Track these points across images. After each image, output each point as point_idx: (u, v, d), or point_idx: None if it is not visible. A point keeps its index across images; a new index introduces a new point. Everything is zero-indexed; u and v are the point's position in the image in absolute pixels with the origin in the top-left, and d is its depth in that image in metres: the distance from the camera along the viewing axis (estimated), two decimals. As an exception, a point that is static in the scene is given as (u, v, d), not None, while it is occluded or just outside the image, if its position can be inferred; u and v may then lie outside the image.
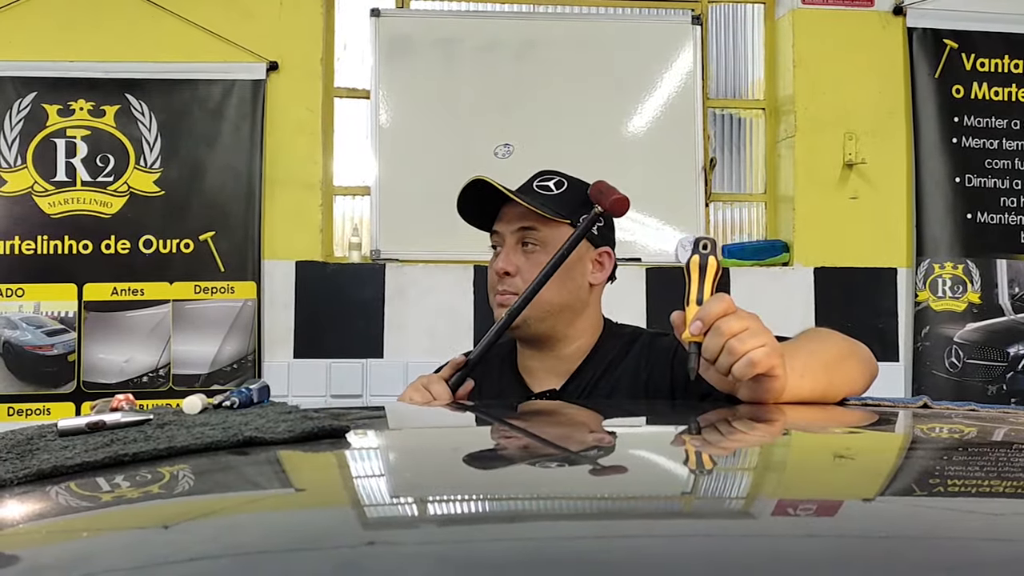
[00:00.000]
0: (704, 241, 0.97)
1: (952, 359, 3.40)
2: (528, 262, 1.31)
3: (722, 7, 3.73)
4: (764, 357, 0.91)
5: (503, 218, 1.35)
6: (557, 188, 1.34)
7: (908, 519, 0.47)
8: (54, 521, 0.51)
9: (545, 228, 1.32)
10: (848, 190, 3.48)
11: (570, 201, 1.34)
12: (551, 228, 1.32)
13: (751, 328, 0.92)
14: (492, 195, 1.33)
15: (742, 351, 0.90)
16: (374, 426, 0.86)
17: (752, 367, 0.90)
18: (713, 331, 0.92)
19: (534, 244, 1.32)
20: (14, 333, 3.19)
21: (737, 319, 0.92)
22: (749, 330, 0.92)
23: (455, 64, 3.45)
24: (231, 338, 3.25)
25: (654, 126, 3.49)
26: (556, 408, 1.17)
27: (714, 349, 0.92)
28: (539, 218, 1.31)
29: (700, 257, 0.96)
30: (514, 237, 1.33)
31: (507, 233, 1.33)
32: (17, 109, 3.23)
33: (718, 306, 0.93)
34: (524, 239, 1.32)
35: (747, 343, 0.91)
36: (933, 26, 3.48)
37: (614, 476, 0.61)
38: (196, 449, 0.63)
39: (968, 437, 0.78)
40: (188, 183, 3.28)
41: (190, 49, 3.29)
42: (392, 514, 0.51)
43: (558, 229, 1.32)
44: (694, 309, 0.94)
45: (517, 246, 1.32)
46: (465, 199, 1.35)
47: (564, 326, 1.34)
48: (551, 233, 1.32)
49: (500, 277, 1.32)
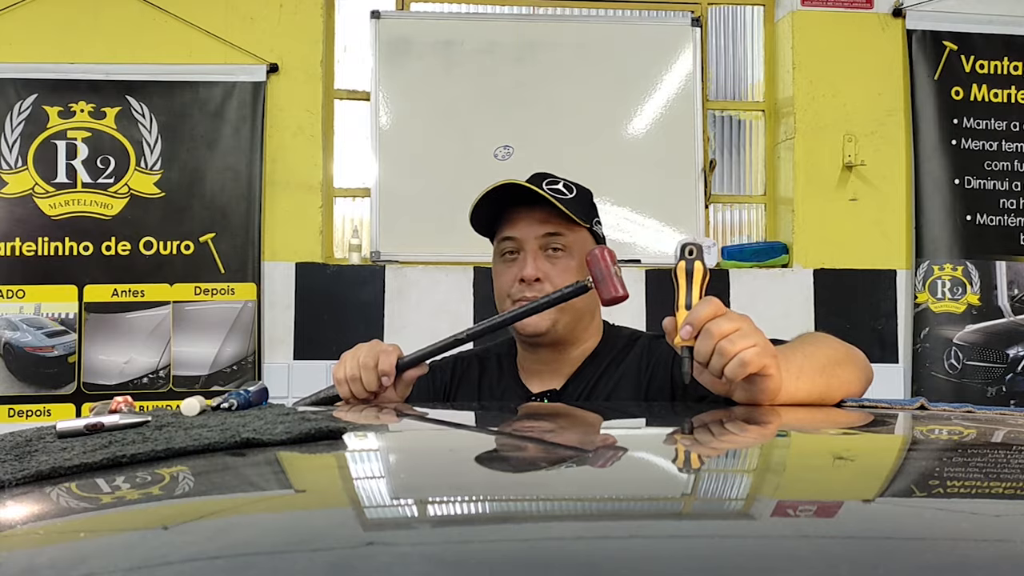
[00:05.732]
0: (689, 247, 0.97)
1: (951, 361, 3.40)
2: (555, 268, 1.30)
3: (722, 9, 3.73)
4: (755, 356, 0.91)
5: (519, 223, 1.31)
6: (568, 192, 1.33)
7: (904, 521, 0.47)
8: (52, 523, 0.51)
9: (569, 233, 1.31)
10: (848, 192, 3.48)
11: (582, 205, 1.34)
12: (574, 233, 1.32)
13: (742, 329, 0.92)
14: (503, 201, 1.31)
15: (733, 351, 0.90)
16: (371, 428, 0.86)
17: (744, 367, 0.90)
18: (703, 334, 0.92)
19: (559, 249, 1.30)
20: (15, 334, 3.19)
21: (727, 320, 0.92)
22: (740, 331, 0.92)
23: (455, 66, 3.45)
24: (231, 339, 3.25)
25: (654, 128, 3.49)
26: (555, 411, 1.17)
27: (705, 351, 0.92)
28: (562, 223, 1.30)
29: (686, 263, 0.96)
30: (537, 243, 1.30)
31: (529, 239, 1.30)
32: (18, 111, 3.23)
33: (707, 309, 0.93)
34: (549, 244, 1.30)
35: (738, 344, 0.91)
36: (932, 28, 3.48)
37: (613, 476, 0.61)
38: (194, 451, 0.64)
39: (964, 439, 0.78)
40: (188, 185, 3.28)
41: (190, 51, 3.30)
42: (389, 515, 0.51)
43: (579, 234, 1.32)
44: (684, 314, 0.95)
45: (540, 251, 1.30)
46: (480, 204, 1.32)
47: (581, 329, 1.35)
48: (574, 238, 1.31)
49: (529, 284, 1.29)
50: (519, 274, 1.30)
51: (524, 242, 1.31)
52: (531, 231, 1.30)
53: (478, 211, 1.33)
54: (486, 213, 1.35)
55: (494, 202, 1.32)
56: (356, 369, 1.19)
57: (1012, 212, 3.48)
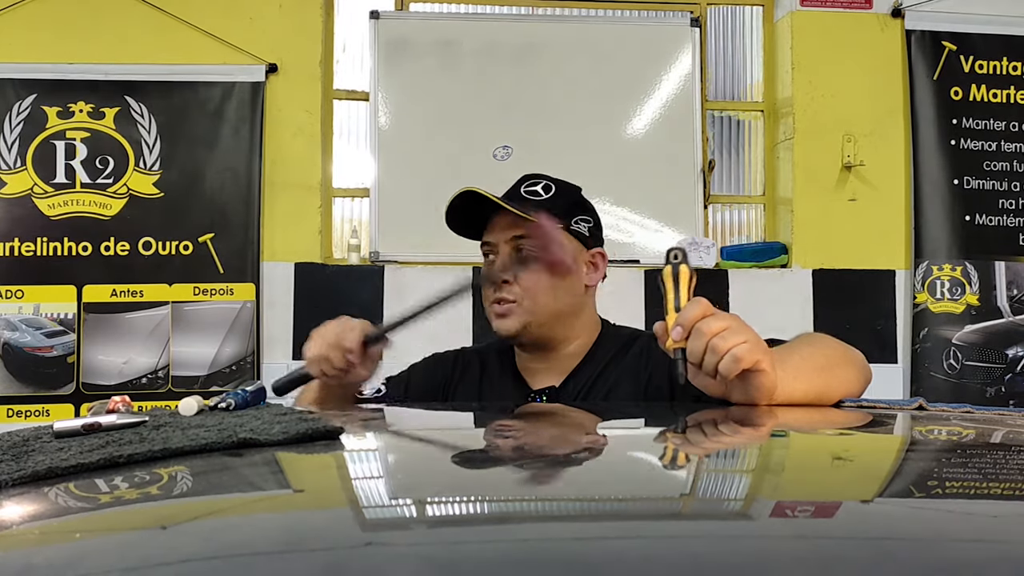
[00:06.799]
0: (674, 251, 0.98)
1: (951, 361, 3.40)
2: (526, 269, 1.31)
3: (721, 9, 3.73)
4: (747, 352, 0.91)
5: (494, 227, 1.34)
6: (546, 192, 1.35)
7: (902, 521, 0.47)
8: (48, 523, 0.51)
9: None
10: (847, 192, 3.48)
11: (560, 205, 1.34)
12: None
13: (732, 327, 0.92)
14: (481, 204, 1.33)
15: (724, 348, 0.91)
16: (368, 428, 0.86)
17: (737, 362, 0.91)
18: (695, 333, 0.93)
19: (529, 251, 1.32)
20: (13, 335, 3.19)
21: (717, 319, 0.93)
22: (730, 328, 0.92)
23: (454, 66, 3.45)
24: (230, 340, 3.25)
25: (653, 128, 3.49)
26: (551, 410, 1.17)
27: (698, 350, 0.93)
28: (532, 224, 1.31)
29: (672, 267, 0.97)
30: (508, 246, 1.33)
31: (500, 242, 1.33)
32: (17, 111, 3.23)
33: (696, 309, 0.94)
34: (519, 246, 1.32)
35: (729, 340, 0.91)
36: (931, 28, 3.48)
37: (611, 477, 0.61)
38: (191, 451, 0.64)
39: (963, 439, 0.78)
40: (187, 185, 3.28)
41: (189, 51, 3.30)
42: (386, 515, 0.51)
43: None
44: (674, 317, 0.95)
45: (512, 254, 1.32)
46: (453, 210, 1.34)
47: (563, 329, 1.35)
48: None
49: (499, 285, 1.32)
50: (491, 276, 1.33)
51: (497, 245, 1.34)
52: (502, 235, 1.33)
53: (465, 217, 1.35)
54: (476, 219, 1.36)
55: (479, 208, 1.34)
56: (324, 348, 1.23)
57: (1011, 212, 3.48)
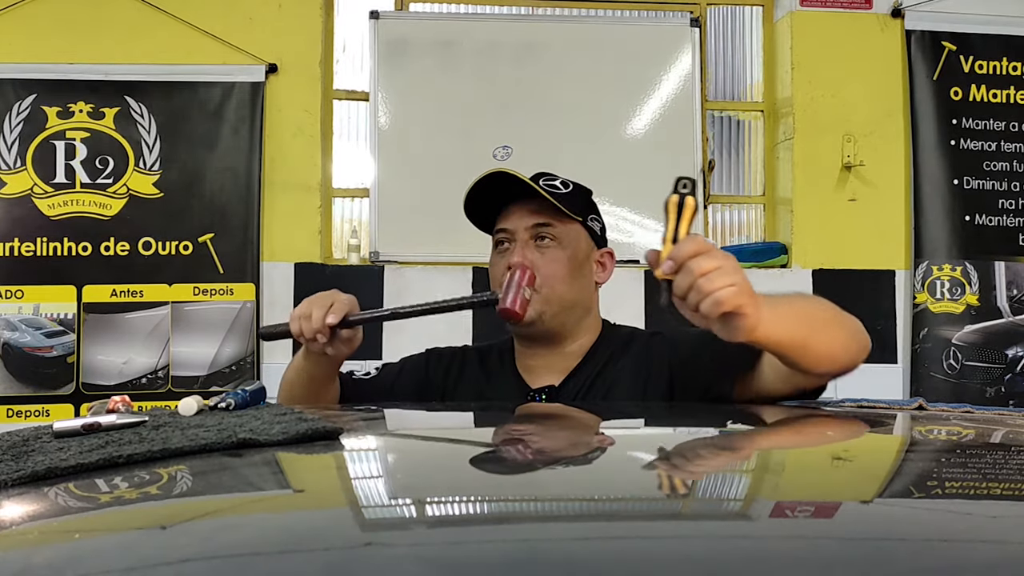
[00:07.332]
0: (683, 180, 0.98)
1: (950, 361, 3.40)
2: (544, 257, 1.31)
3: (721, 9, 3.73)
4: (731, 296, 0.91)
5: (512, 215, 1.34)
6: (564, 188, 1.36)
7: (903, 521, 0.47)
8: (48, 523, 0.51)
9: (560, 225, 1.32)
10: (846, 192, 3.48)
11: (578, 201, 1.35)
12: (565, 225, 1.33)
13: (723, 267, 0.92)
14: (498, 193, 1.33)
15: (709, 289, 0.91)
16: (368, 428, 0.86)
17: (717, 305, 0.91)
18: (684, 270, 0.93)
19: (549, 239, 1.32)
20: (13, 335, 3.19)
21: (708, 259, 0.93)
22: (720, 269, 0.92)
23: (454, 66, 3.45)
24: (230, 340, 3.25)
25: (653, 128, 3.49)
26: (552, 410, 1.17)
27: (683, 287, 0.93)
28: (554, 215, 1.31)
29: (679, 196, 0.97)
30: (528, 233, 1.32)
31: (520, 229, 1.32)
32: (17, 111, 3.23)
33: (690, 246, 0.94)
34: (539, 235, 1.32)
35: (715, 282, 0.91)
36: (931, 28, 3.48)
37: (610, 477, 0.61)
38: (190, 451, 0.63)
39: (963, 439, 0.78)
40: (187, 185, 3.27)
41: (189, 51, 3.29)
42: (385, 515, 0.51)
43: (571, 227, 1.33)
44: (669, 248, 0.95)
45: (531, 242, 1.32)
46: (472, 196, 1.34)
47: (574, 323, 1.35)
48: (565, 230, 1.33)
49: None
50: (507, 263, 1.32)
51: (515, 232, 1.33)
52: (522, 222, 1.33)
53: (476, 205, 1.35)
54: (486, 210, 1.36)
55: (492, 199, 1.34)
56: (307, 308, 1.28)
57: (1011, 212, 3.48)
